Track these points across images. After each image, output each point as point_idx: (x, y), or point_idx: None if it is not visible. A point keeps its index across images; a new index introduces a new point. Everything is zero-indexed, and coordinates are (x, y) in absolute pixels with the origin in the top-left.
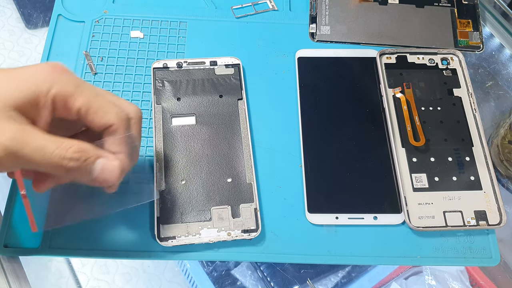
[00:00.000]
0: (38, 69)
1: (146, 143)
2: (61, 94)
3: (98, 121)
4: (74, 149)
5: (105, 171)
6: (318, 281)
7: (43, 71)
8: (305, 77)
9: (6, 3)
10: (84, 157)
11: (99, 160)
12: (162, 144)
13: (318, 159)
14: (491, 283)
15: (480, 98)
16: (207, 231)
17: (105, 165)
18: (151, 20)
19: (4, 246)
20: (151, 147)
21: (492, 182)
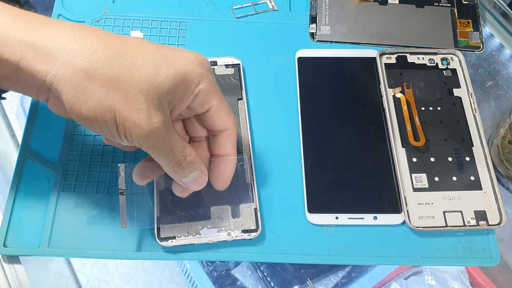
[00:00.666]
0: (191, 60)
1: None
2: (205, 91)
3: (220, 122)
4: (191, 159)
5: (195, 181)
6: (318, 281)
7: (195, 64)
8: (305, 77)
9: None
10: (190, 169)
11: (197, 171)
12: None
13: (318, 159)
14: (491, 283)
15: (480, 98)
16: (207, 231)
17: (200, 176)
18: (151, 20)
19: (4, 246)
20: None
21: (492, 182)
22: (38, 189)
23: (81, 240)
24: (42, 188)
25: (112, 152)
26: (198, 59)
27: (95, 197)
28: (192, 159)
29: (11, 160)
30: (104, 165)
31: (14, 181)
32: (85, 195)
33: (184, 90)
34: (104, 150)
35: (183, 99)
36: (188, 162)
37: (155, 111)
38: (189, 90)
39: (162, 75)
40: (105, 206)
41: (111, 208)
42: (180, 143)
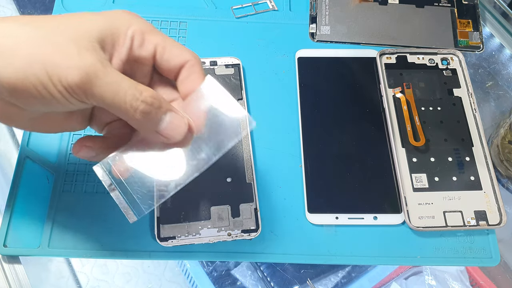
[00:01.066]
0: (117, 11)
1: None
2: (140, 30)
3: (174, 57)
4: (149, 94)
5: (172, 125)
6: (318, 281)
7: (122, 12)
8: (305, 77)
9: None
10: (156, 105)
11: (169, 112)
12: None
13: (318, 159)
14: (491, 283)
15: (480, 98)
16: (207, 231)
17: (174, 119)
18: (151, 20)
19: (4, 246)
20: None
21: (492, 182)
22: (38, 189)
23: (81, 240)
24: (42, 188)
25: None
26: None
27: (95, 197)
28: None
29: (11, 160)
30: None
31: (14, 181)
32: (85, 195)
33: (115, 33)
34: None
35: (118, 44)
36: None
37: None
38: (121, 33)
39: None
40: (105, 206)
41: (111, 208)
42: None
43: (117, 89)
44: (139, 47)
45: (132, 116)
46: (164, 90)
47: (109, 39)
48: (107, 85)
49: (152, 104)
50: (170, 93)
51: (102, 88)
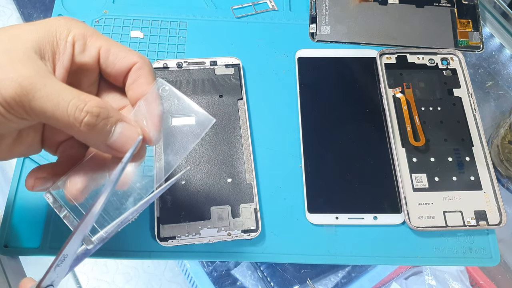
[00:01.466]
0: (56, 17)
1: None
2: (80, 34)
3: (120, 60)
4: (95, 103)
5: (123, 136)
6: (318, 281)
7: (61, 18)
8: (305, 77)
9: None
10: (104, 115)
11: (119, 123)
12: (162, 144)
13: (318, 159)
14: (491, 283)
15: (480, 98)
16: (207, 231)
17: (125, 129)
18: (151, 20)
19: (4, 246)
20: (151, 147)
21: (492, 182)
22: None
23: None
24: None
25: None
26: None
27: None
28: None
29: (11, 160)
30: None
31: (14, 181)
32: None
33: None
34: None
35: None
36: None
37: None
38: (61, 39)
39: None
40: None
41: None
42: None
43: (57, 100)
44: (82, 52)
45: (78, 129)
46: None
47: (47, 47)
48: (46, 97)
49: (98, 115)
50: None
51: (41, 100)
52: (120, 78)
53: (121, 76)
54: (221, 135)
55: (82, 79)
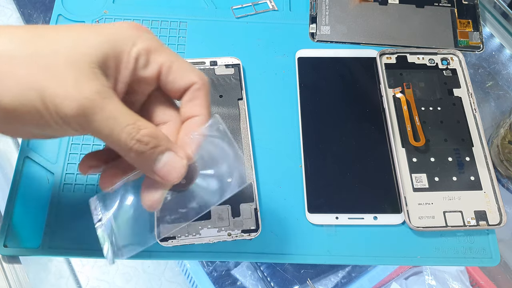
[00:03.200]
0: (121, 25)
1: None
2: (145, 49)
3: (180, 79)
4: (146, 132)
5: (169, 166)
6: (318, 281)
7: (127, 28)
8: (305, 77)
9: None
10: (153, 144)
11: (167, 152)
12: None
13: (318, 159)
14: (491, 283)
15: (480, 98)
16: (207, 231)
17: (172, 160)
18: (151, 20)
19: (4, 246)
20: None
21: (492, 182)
22: (38, 189)
23: (81, 240)
24: (42, 188)
25: None
26: (131, 23)
27: None
28: (149, 133)
29: (11, 160)
30: None
31: (14, 181)
32: (85, 195)
33: (118, 55)
34: None
35: (121, 66)
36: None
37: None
38: (125, 53)
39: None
40: None
41: None
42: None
43: (113, 125)
44: (143, 68)
45: (127, 154)
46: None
47: (111, 62)
48: (103, 121)
49: (147, 144)
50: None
51: (99, 123)
52: (177, 95)
53: (178, 93)
54: None
55: (139, 88)
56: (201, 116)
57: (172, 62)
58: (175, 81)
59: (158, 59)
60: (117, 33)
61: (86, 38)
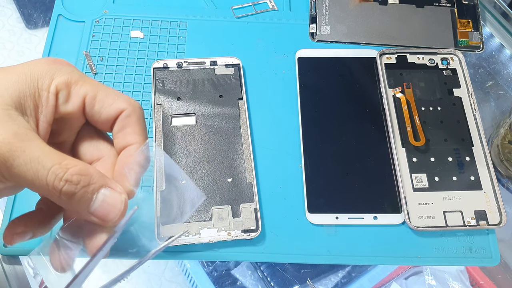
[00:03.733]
0: (38, 61)
1: None
2: (64, 83)
3: (106, 108)
4: (75, 170)
5: (106, 204)
6: (318, 281)
7: (44, 63)
8: (305, 77)
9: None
10: (84, 182)
11: (102, 190)
12: (162, 144)
13: (318, 159)
14: (491, 283)
15: (480, 98)
16: (207, 231)
17: (109, 197)
18: (151, 20)
19: (4, 246)
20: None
21: (492, 182)
22: None
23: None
24: None
25: None
26: (48, 58)
27: None
28: (78, 171)
29: None
30: None
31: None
32: None
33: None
34: None
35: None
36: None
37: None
38: (42, 90)
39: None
40: None
41: None
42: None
43: (37, 168)
44: (65, 102)
45: (58, 198)
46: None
47: (29, 102)
48: (25, 165)
49: (78, 183)
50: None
51: (20, 169)
52: (107, 126)
53: (108, 124)
54: (221, 135)
55: (64, 127)
56: (136, 145)
57: (95, 92)
58: (102, 111)
59: (80, 91)
60: (33, 70)
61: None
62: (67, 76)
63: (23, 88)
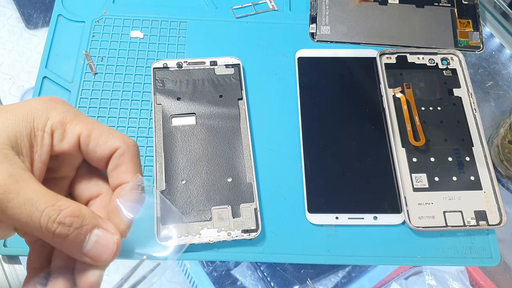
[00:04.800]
0: (35, 101)
1: (146, 143)
2: (59, 122)
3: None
4: (68, 212)
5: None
6: (318, 281)
7: (40, 102)
8: (305, 77)
9: (6, 3)
10: (77, 224)
11: (95, 230)
12: (162, 144)
13: (318, 159)
14: (491, 283)
15: (480, 98)
16: (207, 231)
17: (102, 238)
18: (151, 20)
19: (4, 246)
20: (151, 147)
21: (492, 182)
22: None
23: None
24: None
25: None
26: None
27: None
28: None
29: None
30: None
31: None
32: None
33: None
34: None
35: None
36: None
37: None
38: (38, 130)
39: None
40: None
41: None
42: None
43: (31, 210)
44: (61, 141)
45: (52, 240)
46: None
47: (25, 141)
48: (19, 207)
49: (71, 225)
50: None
51: (15, 210)
52: (102, 164)
53: (103, 162)
54: (221, 135)
55: (62, 164)
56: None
57: (90, 130)
58: (96, 150)
59: (75, 130)
60: (29, 109)
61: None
62: (62, 115)
63: (19, 128)
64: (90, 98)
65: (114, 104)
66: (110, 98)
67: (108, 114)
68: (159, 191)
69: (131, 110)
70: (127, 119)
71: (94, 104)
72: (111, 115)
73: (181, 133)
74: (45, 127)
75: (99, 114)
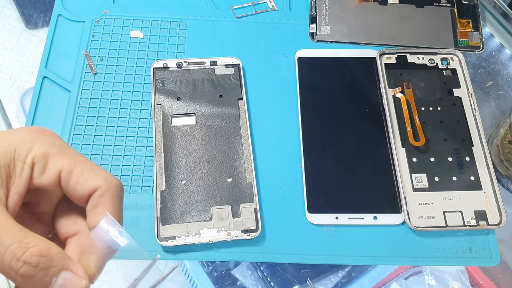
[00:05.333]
0: (20, 130)
1: (146, 143)
2: (42, 154)
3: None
4: (35, 251)
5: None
6: (318, 281)
7: (24, 133)
8: (305, 77)
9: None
10: (43, 265)
11: (63, 273)
12: (162, 144)
13: (318, 159)
14: (491, 283)
15: (480, 98)
16: (207, 231)
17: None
18: (151, 20)
19: None
20: (151, 147)
21: (492, 182)
22: None
23: None
24: None
25: (112, 152)
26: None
27: None
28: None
29: None
30: (103, 165)
31: None
32: None
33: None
34: (104, 149)
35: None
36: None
37: None
38: (18, 161)
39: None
40: None
41: None
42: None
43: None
44: (41, 175)
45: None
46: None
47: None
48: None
49: (37, 265)
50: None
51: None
52: (82, 202)
53: (83, 200)
54: (221, 135)
55: (42, 198)
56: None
57: (72, 166)
58: (76, 188)
59: (57, 164)
60: (12, 138)
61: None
62: (46, 148)
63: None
64: (90, 98)
65: (114, 104)
66: (110, 98)
67: (108, 114)
68: (159, 191)
69: (131, 110)
70: (127, 119)
71: (94, 104)
72: (111, 115)
73: (181, 133)
74: (26, 158)
75: (99, 114)
